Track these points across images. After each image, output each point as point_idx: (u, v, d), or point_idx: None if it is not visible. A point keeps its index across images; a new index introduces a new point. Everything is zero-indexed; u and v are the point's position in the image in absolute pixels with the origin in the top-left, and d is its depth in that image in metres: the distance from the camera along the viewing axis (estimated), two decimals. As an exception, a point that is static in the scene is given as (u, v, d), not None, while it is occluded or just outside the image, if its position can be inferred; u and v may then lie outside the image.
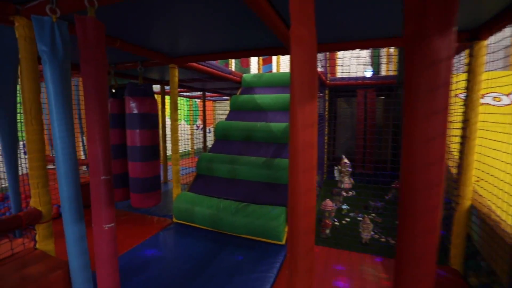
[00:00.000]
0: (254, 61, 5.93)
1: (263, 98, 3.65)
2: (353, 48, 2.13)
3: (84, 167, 4.36)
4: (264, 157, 2.95)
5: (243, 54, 2.48)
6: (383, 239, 2.50)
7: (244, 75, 4.31)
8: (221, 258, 2.14)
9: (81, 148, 3.74)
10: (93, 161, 1.23)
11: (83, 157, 3.89)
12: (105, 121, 1.24)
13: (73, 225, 1.41)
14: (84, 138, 3.57)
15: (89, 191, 1.30)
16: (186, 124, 7.32)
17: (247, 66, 5.51)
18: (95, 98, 1.20)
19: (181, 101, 6.71)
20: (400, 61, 4.03)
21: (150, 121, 2.80)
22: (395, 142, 4.24)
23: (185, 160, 6.36)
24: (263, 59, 5.44)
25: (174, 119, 2.80)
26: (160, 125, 4.66)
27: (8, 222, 1.47)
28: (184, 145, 7.05)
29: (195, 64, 2.98)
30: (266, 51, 2.42)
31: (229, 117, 3.72)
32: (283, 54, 2.39)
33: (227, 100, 7.46)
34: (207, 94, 6.11)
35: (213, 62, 3.41)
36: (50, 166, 3.92)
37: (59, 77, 1.31)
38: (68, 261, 1.45)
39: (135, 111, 2.71)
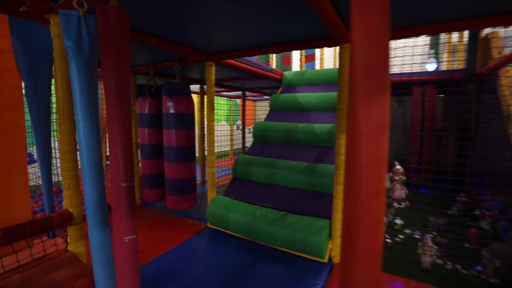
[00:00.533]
0: (296, 58, 5.64)
1: (305, 97, 3.37)
2: (425, 34, 1.72)
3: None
4: (306, 162, 2.68)
5: (285, 47, 2.25)
6: (448, 266, 2.07)
7: (285, 73, 4.07)
8: (255, 272, 1.94)
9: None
10: (114, 165, 1.11)
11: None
12: (127, 121, 1.11)
13: (98, 232, 1.32)
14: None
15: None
16: (226, 124, 7.31)
17: (289, 63, 5.25)
18: (116, 97, 1.08)
19: (221, 100, 6.71)
20: (469, 50, 3.41)
21: (186, 121, 2.72)
22: (459, 148, 3.63)
23: (224, 161, 6.32)
24: (305, 56, 5.13)
25: (211, 120, 2.68)
26: (199, 125, 4.65)
27: (40, 223, 1.45)
28: (224, 146, 7.05)
29: (233, 62, 2.83)
30: (311, 43, 2.15)
31: (268, 117, 3.51)
32: (330, 46, 2.10)
33: (267, 99, 7.28)
34: (247, 93, 6.01)
35: (253, 59, 3.24)
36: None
37: (85, 75, 1.22)
38: (93, 269, 1.38)
39: (172, 111, 2.65)
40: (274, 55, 5.07)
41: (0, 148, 1.32)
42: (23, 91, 1.43)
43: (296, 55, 5.63)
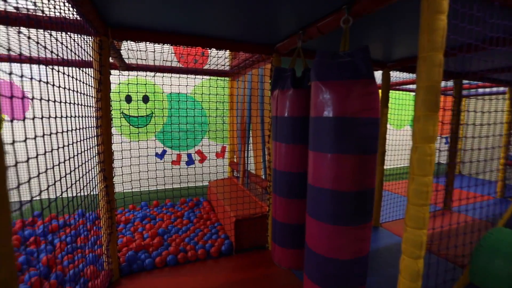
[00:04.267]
0: None
1: None
2: None
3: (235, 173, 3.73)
4: None
5: None
6: None
7: None
8: None
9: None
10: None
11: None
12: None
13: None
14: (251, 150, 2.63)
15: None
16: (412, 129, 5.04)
17: None
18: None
19: (405, 96, 4.57)
20: None
21: (360, 136, 1.24)
22: None
23: (402, 184, 4.22)
24: None
25: (428, 137, 1.01)
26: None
27: None
28: (404, 160, 4.87)
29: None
30: None
31: None
32: None
33: (494, 94, 4.41)
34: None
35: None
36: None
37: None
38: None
39: (328, 113, 1.24)
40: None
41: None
42: None
43: None
